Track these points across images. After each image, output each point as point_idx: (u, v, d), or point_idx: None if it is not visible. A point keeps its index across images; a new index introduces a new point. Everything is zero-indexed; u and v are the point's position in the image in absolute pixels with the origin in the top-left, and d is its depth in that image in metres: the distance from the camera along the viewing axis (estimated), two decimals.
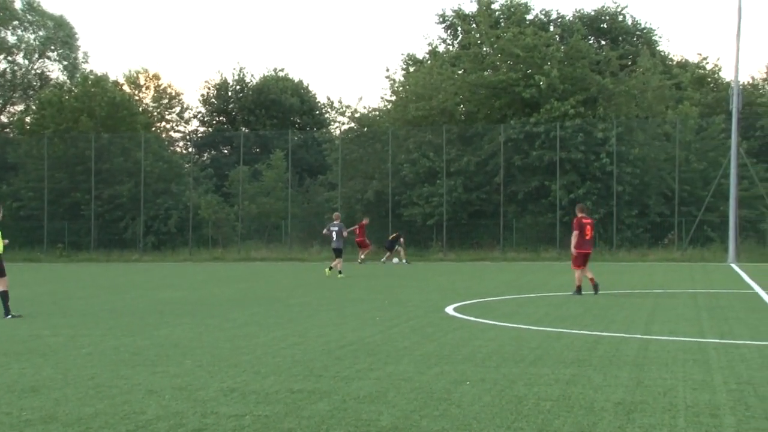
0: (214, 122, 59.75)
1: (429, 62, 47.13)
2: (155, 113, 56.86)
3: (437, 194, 40.38)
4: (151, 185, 44.19)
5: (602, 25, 52.52)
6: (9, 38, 58.14)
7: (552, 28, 47.59)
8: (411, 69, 48.53)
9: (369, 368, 8.65)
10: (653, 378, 8.01)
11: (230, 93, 59.21)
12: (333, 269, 25.39)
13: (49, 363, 9.19)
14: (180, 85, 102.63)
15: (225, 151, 56.82)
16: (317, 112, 59.69)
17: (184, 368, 8.76)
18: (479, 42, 44.40)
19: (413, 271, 28.60)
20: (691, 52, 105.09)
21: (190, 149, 54.52)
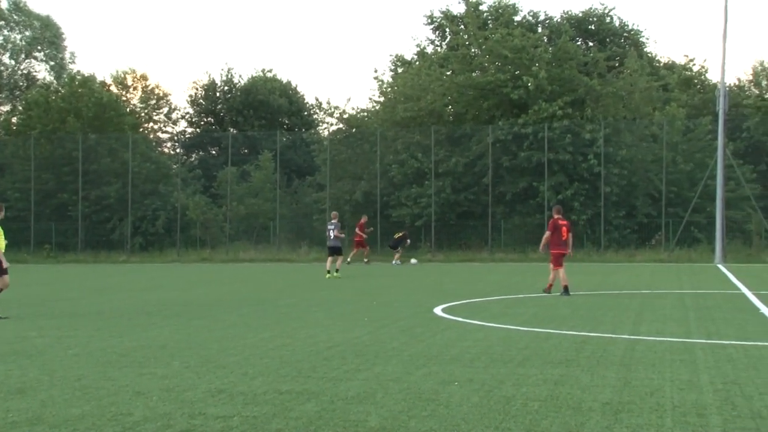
0: (202, 123, 59.61)
1: (417, 63, 47.18)
2: (143, 114, 56.71)
3: (425, 195, 40.43)
4: (139, 186, 44.06)
5: (590, 27, 52.75)
6: None
7: (540, 30, 47.71)
8: (399, 70, 48.61)
9: (357, 369, 8.64)
10: (640, 378, 8.04)
11: (218, 94, 59.08)
12: (331, 271, 25.11)
13: (36, 364, 9.14)
14: (168, 86, 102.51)
15: (213, 152, 56.70)
16: (305, 113, 59.65)
17: (172, 369, 8.73)
18: (467, 43, 44.48)
19: (402, 272, 28.62)
20: (678, 54, 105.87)
21: (178, 150, 54.36)
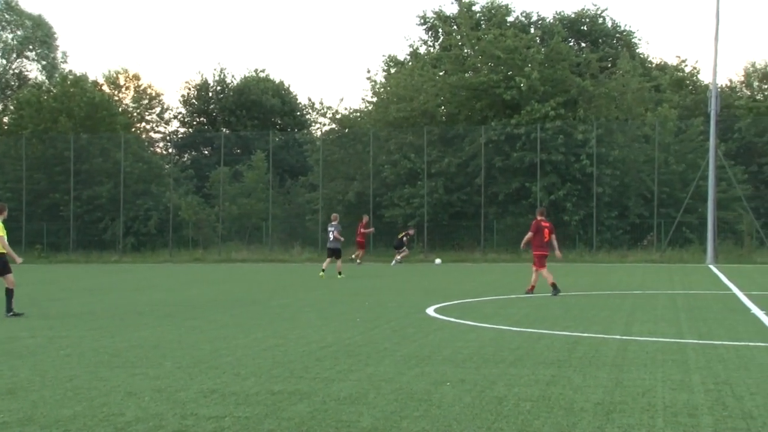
0: (195, 123, 59.52)
1: (410, 64, 47.18)
2: (135, 114, 56.60)
3: (418, 195, 40.41)
4: (131, 186, 43.95)
5: (582, 28, 52.83)
6: None
7: (533, 30, 47.75)
8: (392, 70, 48.57)
9: (349, 369, 8.64)
10: (632, 378, 8.06)
11: (211, 94, 59.00)
12: (325, 270, 25.12)
13: (27, 365, 9.12)
14: (160, 86, 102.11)
15: (205, 152, 56.61)
16: (298, 113, 59.62)
17: (164, 370, 8.72)
18: (460, 44, 44.50)
19: (394, 273, 28.61)
20: (670, 55, 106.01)
21: (171, 150, 54.29)
